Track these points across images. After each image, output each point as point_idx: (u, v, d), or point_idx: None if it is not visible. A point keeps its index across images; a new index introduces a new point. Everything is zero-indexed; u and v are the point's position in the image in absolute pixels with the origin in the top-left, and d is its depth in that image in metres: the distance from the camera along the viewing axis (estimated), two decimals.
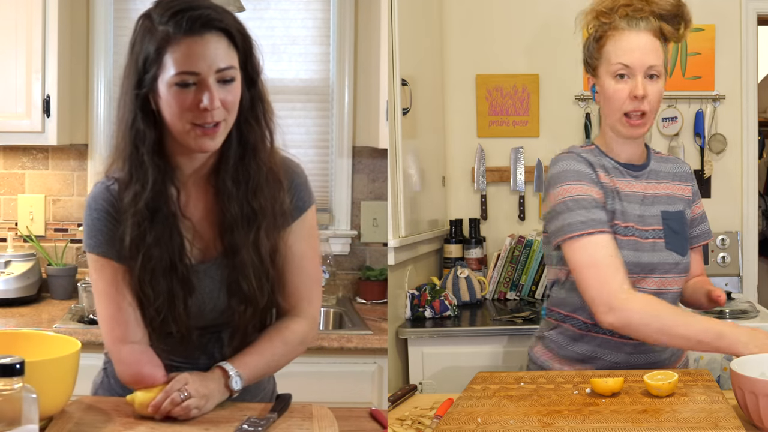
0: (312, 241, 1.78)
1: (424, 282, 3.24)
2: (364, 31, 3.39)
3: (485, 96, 3.62)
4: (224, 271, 1.70)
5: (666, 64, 2.01)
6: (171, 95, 1.55)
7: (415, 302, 3.04)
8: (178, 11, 1.54)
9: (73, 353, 1.56)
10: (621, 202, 1.96)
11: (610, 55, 1.95)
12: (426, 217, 3.27)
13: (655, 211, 2.00)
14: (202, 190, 1.70)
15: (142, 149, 1.60)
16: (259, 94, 1.67)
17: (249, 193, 1.67)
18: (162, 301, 1.65)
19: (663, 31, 1.97)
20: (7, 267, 3.14)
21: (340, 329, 3.02)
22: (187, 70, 1.54)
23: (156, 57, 1.55)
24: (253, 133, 1.67)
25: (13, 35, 3.01)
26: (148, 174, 1.61)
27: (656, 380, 1.67)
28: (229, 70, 1.57)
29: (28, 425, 1.28)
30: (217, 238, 1.70)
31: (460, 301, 3.21)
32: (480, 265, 3.50)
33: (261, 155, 1.68)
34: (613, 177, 1.98)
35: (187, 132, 1.57)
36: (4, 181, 3.37)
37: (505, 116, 3.62)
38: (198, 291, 1.69)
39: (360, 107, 3.42)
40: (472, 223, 3.54)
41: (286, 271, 1.74)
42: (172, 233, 1.65)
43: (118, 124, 1.63)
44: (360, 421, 1.69)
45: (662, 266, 1.97)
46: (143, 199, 1.61)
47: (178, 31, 1.53)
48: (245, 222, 1.67)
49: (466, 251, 3.50)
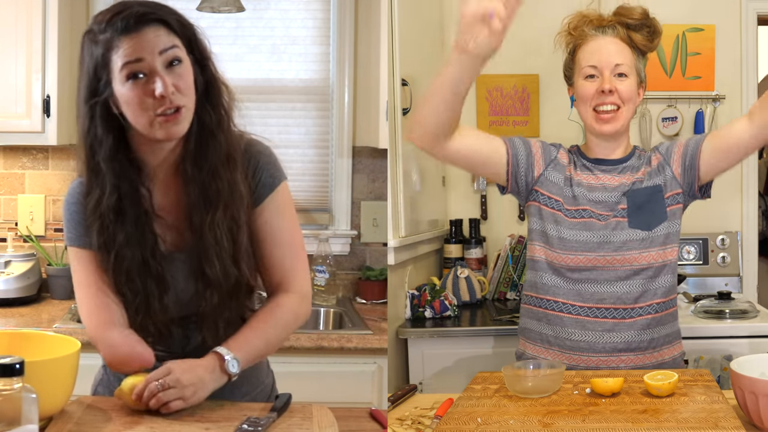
0: (288, 214, 1.80)
1: (424, 282, 3.24)
2: (364, 31, 3.39)
3: (485, 96, 3.62)
4: (193, 258, 1.72)
5: (639, 71, 2.10)
6: (126, 91, 1.60)
7: (415, 302, 3.05)
8: (113, 16, 1.60)
9: (73, 353, 1.56)
10: (573, 188, 2.06)
11: (581, 60, 2.09)
12: (426, 217, 3.27)
13: (619, 194, 2.05)
14: (172, 179, 1.73)
15: (98, 156, 1.65)
16: (211, 78, 1.71)
17: (207, 176, 1.69)
18: (139, 300, 1.69)
19: (633, 40, 2.08)
20: (7, 267, 3.14)
21: (340, 329, 3.02)
22: (131, 59, 1.58)
23: (103, 62, 1.61)
24: (208, 116, 1.70)
25: (13, 35, 3.01)
26: (106, 180, 1.66)
27: (656, 380, 1.67)
28: (172, 49, 1.61)
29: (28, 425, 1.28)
30: (187, 226, 1.73)
31: (460, 301, 3.21)
32: (480, 265, 3.50)
33: (219, 138, 1.71)
34: (578, 171, 2.10)
35: (150, 124, 1.61)
36: (4, 181, 3.37)
37: (505, 116, 3.62)
38: (172, 284, 1.72)
39: (360, 107, 3.43)
40: (472, 223, 3.54)
41: (266, 248, 1.76)
42: (144, 232, 1.69)
43: (78, 131, 1.68)
44: (360, 421, 1.69)
45: (628, 244, 2.01)
46: (104, 204, 1.66)
47: (117, 33, 1.59)
48: (204, 205, 1.70)
49: (466, 251, 3.50)
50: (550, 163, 2.10)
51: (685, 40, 3.53)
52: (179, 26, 1.64)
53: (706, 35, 3.55)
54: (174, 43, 1.62)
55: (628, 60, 2.06)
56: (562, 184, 2.08)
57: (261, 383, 1.86)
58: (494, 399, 1.73)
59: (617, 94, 2.03)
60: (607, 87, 2.02)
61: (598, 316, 2.02)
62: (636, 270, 2.01)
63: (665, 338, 2.07)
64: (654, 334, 2.04)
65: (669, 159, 2.07)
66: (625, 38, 2.07)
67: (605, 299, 2.01)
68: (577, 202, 2.06)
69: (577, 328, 2.03)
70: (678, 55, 3.55)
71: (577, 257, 2.02)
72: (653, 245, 2.01)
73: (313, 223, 3.46)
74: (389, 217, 2.83)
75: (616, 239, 2.01)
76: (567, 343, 2.04)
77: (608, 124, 2.04)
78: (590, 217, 2.03)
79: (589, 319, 2.02)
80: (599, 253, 2.01)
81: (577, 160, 2.13)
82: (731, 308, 3.08)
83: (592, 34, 2.09)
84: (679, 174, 2.05)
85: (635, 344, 2.02)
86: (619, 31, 2.07)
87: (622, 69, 2.04)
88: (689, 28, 3.55)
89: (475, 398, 1.74)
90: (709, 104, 3.57)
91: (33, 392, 1.30)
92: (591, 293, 2.02)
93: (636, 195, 2.04)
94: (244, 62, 3.39)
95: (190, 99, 1.65)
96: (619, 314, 2.01)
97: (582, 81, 2.07)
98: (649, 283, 2.02)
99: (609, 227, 2.02)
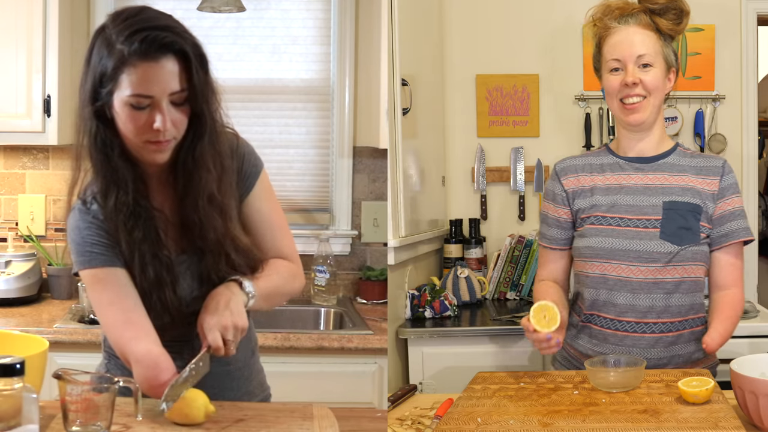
0: (272, 198, 1.87)
1: (424, 282, 3.24)
2: (364, 31, 3.39)
3: (485, 96, 3.61)
4: (196, 265, 1.74)
5: (667, 57, 2.08)
6: (125, 114, 1.60)
7: (415, 302, 3.05)
8: (136, 31, 1.57)
9: (40, 353, 1.54)
10: (596, 196, 2.07)
11: (606, 54, 2.07)
12: (426, 217, 3.27)
13: (656, 201, 2.03)
14: (165, 185, 1.75)
15: (112, 156, 1.66)
16: (208, 86, 1.69)
17: (200, 174, 1.71)
18: (158, 293, 1.70)
19: (658, 26, 2.05)
20: (8, 267, 3.14)
21: (340, 329, 3.02)
22: (142, 93, 1.58)
23: (113, 75, 1.59)
24: (203, 125, 1.70)
25: (13, 35, 3.01)
26: (127, 177, 1.67)
27: (692, 387, 1.63)
28: (181, 93, 1.61)
29: (28, 425, 1.28)
30: (183, 233, 1.75)
31: (460, 301, 3.21)
32: (480, 265, 3.49)
33: (211, 140, 1.72)
34: (606, 174, 2.09)
35: (141, 147, 1.64)
36: (5, 181, 3.37)
37: (505, 116, 3.62)
38: (183, 283, 1.73)
39: (360, 107, 3.43)
40: (472, 223, 3.54)
41: (261, 232, 1.81)
42: (150, 227, 1.70)
43: (82, 136, 1.67)
44: (360, 421, 1.69)
45: (654, 255, 1.98)
46: (128, 201, 1.67)
47: (134, 54, 1.56)
48: (198, 202, 1.71)
49: (466, 251, 3.50)
50: (569, 201, 2.13)
51: (685, 40, 3.53)
52: (195, 58, 1.62)
53: (706, 35, 3.55)
54: (183, 86, 1.61)
55: (652, 49, 2.03)
56: (588, 200, 2.09)
57: (264, 391, 1.88)
58: (494, 399, 1.73)
59: (642, 85, 2.01)
60: (630, 80, 2.00)
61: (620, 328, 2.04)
62: (674, 285, 2.02)
63: (687, 357, 2.04)
64: (669, 352, 2.02)
65: (719, 199, 2.06)
66: (649, 24, 2.04)
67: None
68: (609, 209, 2.05)
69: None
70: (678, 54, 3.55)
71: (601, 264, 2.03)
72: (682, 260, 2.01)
73: (313, 223, 3.46)
74: (389, 217, 2.83)
75: (644, 248, 2.00)
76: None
77: (636, 113, 2.03)
78: (616, 224, 2.03)
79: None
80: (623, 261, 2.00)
81: (607, 161, 2.12)
82: None
83: (614, 25, 2.05)
84: (711, 218, 2.05)
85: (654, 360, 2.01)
86: (642, 18, 2.04)
87: (646, 59, 2.02)
88: (689, 28, 3.50)
89: (475, 398, 1.75)
90: (709, 104, 3.57)
91: (33, 392, 1.30)
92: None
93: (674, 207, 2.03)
94: (245, 62, 3.39)
95: (182, 131, 1.66)
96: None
97: (608, 75, 2.06)
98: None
99: (637, 235, 2.01)
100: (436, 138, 3.48)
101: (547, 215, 2.18)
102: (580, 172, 2.13)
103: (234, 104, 1.79)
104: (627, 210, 2.03)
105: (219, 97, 1.71)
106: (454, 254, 3.49)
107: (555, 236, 2.16)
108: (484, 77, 3.60)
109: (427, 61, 3.32)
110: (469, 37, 3.60)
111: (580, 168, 2.13)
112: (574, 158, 2.17)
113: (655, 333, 2.00)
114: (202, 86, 1.64)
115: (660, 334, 2.00)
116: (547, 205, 2.18)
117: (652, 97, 2.03)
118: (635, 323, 2.00)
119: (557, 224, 2.15)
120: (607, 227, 2.02)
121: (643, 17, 2.04)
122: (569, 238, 2.14)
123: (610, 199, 2.06)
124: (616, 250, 2.00)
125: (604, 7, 2.08)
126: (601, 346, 2.03)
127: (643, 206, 2.03)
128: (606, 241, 2.01)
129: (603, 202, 2.06)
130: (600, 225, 2.04)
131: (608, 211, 2.04)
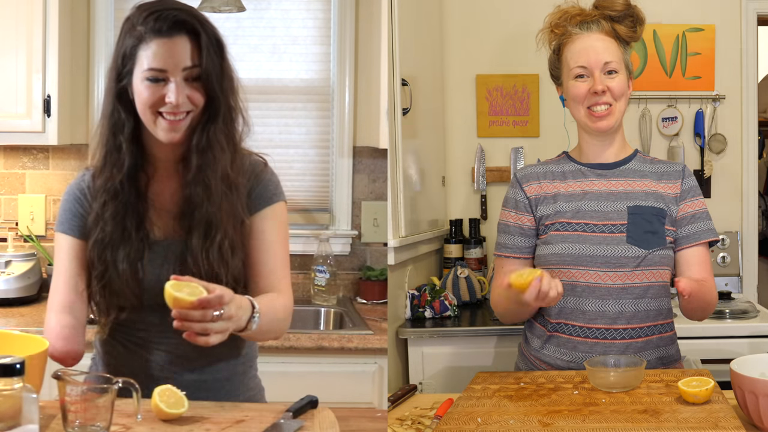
0: (283, 231, 1.87)
1: (424, 282, 3.24)
2: (364, 31, 3.39)
3: (485, 96, 3.61)
4: (175, 247, 1.77)
5: (627, 63, 2.08)
6: (142, 88, 1.70)
7: (415, 302, 3.05)
8: (152, 12, 1.70)
9: (40, 353, 1.54)
10: (559, 203, 2.06)
11: (569, 60, 2.07)
12: (426, 217, 3.27)
13: (621, 207, 2.03)
14: (172, 174, 1.80)
15: (120, 137, 1.75)
16: (223, 71, 1.77)
17: (205, 172, 1.75)
18: (112, 272, 1.74)
19: (617, 32, 2.06)
20: (8, 267, 3.14)
21: (340, 329, 3.02)
22: (155, 67, 1.69)
23: (131, 53, 1.71)
24: (216, 128, 1.77)
25: (13, 35, 3.01)
26: (125, 160, 1.75)
27: (692, 387, 1.63)
28: (194, 68, 1.71)
29: (28, 425, 1.28)
30: (177, 219, 1.78)
31: (460, 301, 3.21)
32: (480, 265, 3.49)
33: (225, 123, 1.77)
34: (568, 181, 2.08)
35: (154, 122, 1.71)
36: (5, 181, 3.37)
37: (505, 116, 3.62)
38: (154, 265, 1.75)
39: (360, 107, 3.43)
40: (472, 223, 3.54)
41: (260, 254, 1.81)
42: (129, 210, 1.75)
43: (101, 115, 1.79)
44: (360, 421, 1.69)
45: (621, 260, 1.98)
46: (115, 182, 1.74)
47: (150, 31, 1.69)
48: (197, 199, 1.75)
49: (466, 251, 3.50)
50: (532, 208, 2.10)
51: (685, 40, 3.54)
52: (207, 41, 1.72)
53: (706, 35, 3.55)
54: (195, 62, 1.70)
55: (616, 56, 2.03)
56: (552, 207, 2.08)
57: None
58: (494, 399, 1.73)
59: (609, 92, 2.01)
60: (600, 88, 2.00)
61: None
62: (643, 290, 2.00)
63: (657, 362, 2.03)
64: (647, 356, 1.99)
65: (681, 200, 2.05)
66: (610, 31, 2.05)
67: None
68: (574, 215, 2.04)
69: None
70: (678, 55, 3.55)
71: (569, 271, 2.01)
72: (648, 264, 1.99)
73: (313, 223, 3.46)
74: (389, 217, 2.83)
75: (612, 253, 1.99)
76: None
77: (603, 120, 2.03)
78: (582, 230, 2.02)
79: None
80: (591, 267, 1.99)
81: (569, 168, 2.12)
82: (731, 308, 3.08)
83: (576, 32, 2.05)
84: (675, 221, 2.04)
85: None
86: (604, 26, 2.04)
87: (612, 66, 2.02)
88: (689, 28, 3.55)
89: (475, 398, 1.75)
90: (709, 104, 3.57)
91: (33, 392, 1.30)
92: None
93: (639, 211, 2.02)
94: (245, 62, 3.39)
95: (195, 108, 1.73)
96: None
97: (572, 81, 2.05)
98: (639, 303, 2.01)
99: (603, 240, 2.00)
100: (436, 138, 3.48)
101: (507, 224, 2.14)
102: (542, 179, 2.11)
103: None
104: (592, 216, 2.02)
105: (235, 85, 1.80)
106: (454, 254, 3.48)
107: (518, 244, 2.12)
108: (484, 77, 3.60)
109: (427, 61, 3.32)
110: (469, 37, 3.60)
111: (542, 175, 2.12)
112: (535, 166, 2.17)
113: (625, 339, 1.99)
114: (216, 68, 1.73)
115: (630, 339, 1.99)
116: (508, 213, 2.14)
117: (618, 103, 2.03)
118: (605, 329, 1.99)
119: (520, 232, 2.11)
120: (573, 233, 2.02)
121: (604, 24, 2.04)
122: (532, 246, 2.11)
123: (574, 205, 2.05)
124: (583, 256, 1.99)
125: (561, 13, 2.09)
126: (570, 354, 2.02)
127: (607, 212, 2.02)
128: (573, 248, 2.00)
129: (567, 209, 2.05)
130: (565, 231, 2.02)
131: (573, 217, 2.03)
